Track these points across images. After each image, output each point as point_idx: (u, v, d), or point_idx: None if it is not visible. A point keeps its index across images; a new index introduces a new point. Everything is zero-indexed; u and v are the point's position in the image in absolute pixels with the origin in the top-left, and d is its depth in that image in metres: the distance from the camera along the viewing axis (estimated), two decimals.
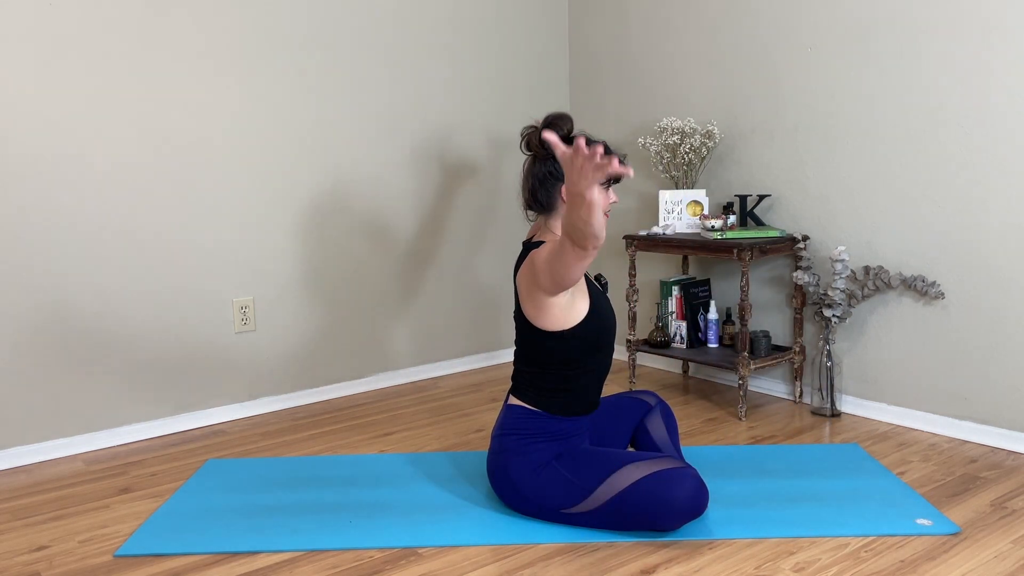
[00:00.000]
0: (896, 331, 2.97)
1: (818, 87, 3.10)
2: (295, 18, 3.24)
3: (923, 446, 2.75)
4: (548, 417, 2.19)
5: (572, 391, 2.20)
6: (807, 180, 3.18)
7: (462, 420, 3.14)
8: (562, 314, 2.12)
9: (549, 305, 2.11)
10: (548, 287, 2.06)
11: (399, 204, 3.59)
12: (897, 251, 2.94)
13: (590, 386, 2.23)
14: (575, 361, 2.17)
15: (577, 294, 2.15)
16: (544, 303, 2.11)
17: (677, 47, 3.58)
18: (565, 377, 2.19)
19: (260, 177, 3.21)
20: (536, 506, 2.17)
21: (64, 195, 2.80)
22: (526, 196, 2.22)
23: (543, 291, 2.08)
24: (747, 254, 2.96)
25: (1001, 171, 2.66)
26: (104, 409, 2.93)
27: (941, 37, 2.75)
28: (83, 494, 2.52)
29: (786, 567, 1.96)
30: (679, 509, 2.01)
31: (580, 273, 1.98)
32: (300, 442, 2.93)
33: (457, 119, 3.74)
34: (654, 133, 3.66)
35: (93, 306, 2.88)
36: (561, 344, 2.15)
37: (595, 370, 2.23)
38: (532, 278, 2.10)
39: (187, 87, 3.01)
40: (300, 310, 3.36)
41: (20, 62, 2.69)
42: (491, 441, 2.27)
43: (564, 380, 2.19)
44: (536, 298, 2.12)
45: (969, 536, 2.09)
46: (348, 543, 2.11)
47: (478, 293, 3.90)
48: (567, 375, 2.18)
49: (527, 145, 2.22)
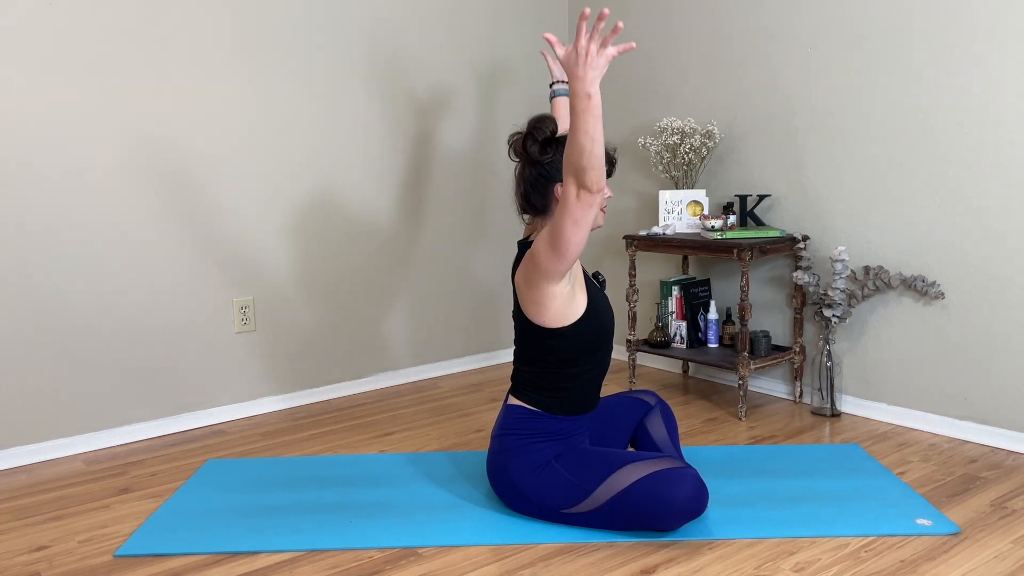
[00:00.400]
0: (896, 331, 2.97)
1: (818, 87, 3.10)
2: (295, 18, 3.24)
3: (923, 446, 2.75)
4: (548, 417, 2.19)
5: (571, 390, 2.20)
6: (807, 180, 3.18)
7: (462, 420, 3.14)
8: (562, 307, 2.10)
9: (549, 298, 2.09)
10: (551, 262, 2.00)
11: (399, 204, 3.59)
12: (897, 251, 2.94)
13: (589, 385, 2.23)
14: (574, 360, 2.17)
15: (576, 286, 2.14)
16: (544, 296, 2.08)
17: (677, 47, 3.58)
18: (564, 376, 2.18)
19: (260, 177, 3.21)
20: (536, 506, 2.17)
21: (64, 195, 2.80)
22: (520, 201, 2.21)
23: (545, 274, 2.03)
24: (747, 254, 2.96)
25: (1001, 171, 2.66)
26: (104, 409, 2.93)
27: (941, 37, 2.75)
28: (83, 494, 2.52)
29: (786, 567, 1.96)
30: (679, 509, 2.01)
31: (585, 232, 1.95)
32: (300, 442, 2.93)
33: (457, 119, 3.74)
34: (654, 133, 3.66)
35: (93, 306, 2.88)
36: (560, 342, 2.15)
37: (594, 369, 2.23)
38: (533, 265, 2.05)
39: (187, 87, 3.02)
40: (300, 310, 3.37)
41: (20, 62, 2.69)
42: (491, 441, 2.27)
43: (563, 379, 2.19)
44: (537, 290, 2.09)
45: (969, 536, 2.09)
46: (348, 543, 2.11)
47: (478, 293, 3.90)
48: (567, 374, 2.18)
49: (514, 152, 2.19)
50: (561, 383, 2.19)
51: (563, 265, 2.01)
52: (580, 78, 1.78)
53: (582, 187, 1.88)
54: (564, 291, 2.10)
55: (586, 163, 1.84)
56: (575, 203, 1.91)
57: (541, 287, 2.08)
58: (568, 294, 2.11)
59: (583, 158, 1.84)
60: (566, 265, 2.02)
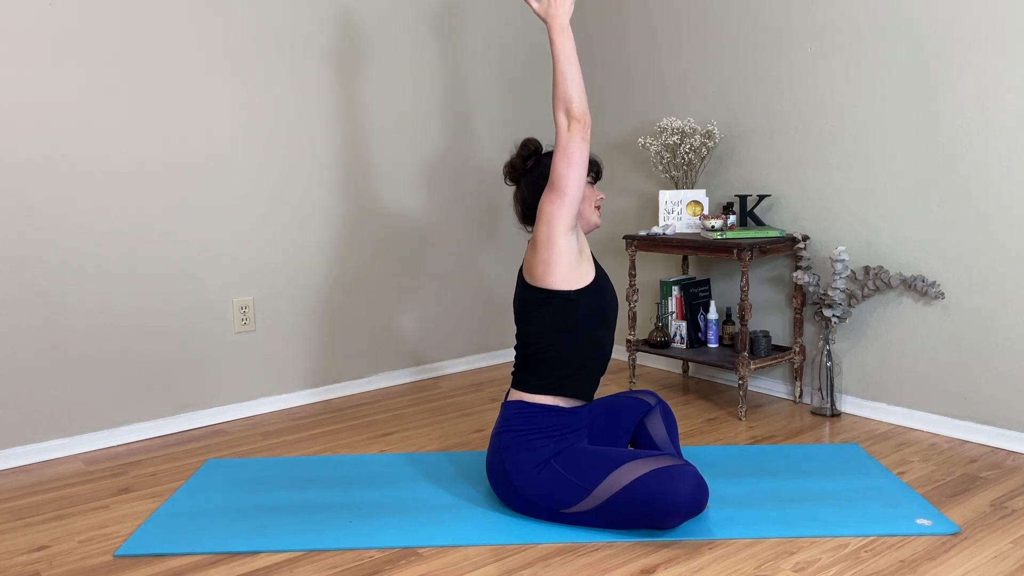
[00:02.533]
0: (896, 331, 2.97)
1: (818, 87, 3.10)
2: (296, 19, 3.24)
3: (923, 446, 2.75)
4: (545, 410, 2.18)
5: (570, 365, 2.19)
6: (807, 180, 3.18)
7: (462, 420, 3.14)
8: (569, 269, 2.17)
9: (557, 253, 2.15)
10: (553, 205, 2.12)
11: (399, 204, 3.59)
12: (897, 251, 2.94)
13: (588, 368, 2.22)
14: (579, 327, 2.18)
15: (584, 255, 2.22)
16: (552, 252, 2.15)
17: (677, 47, 3.58)
18: (566, 348, 2.18)
19: (260, 177, 3.22)
20: (535, 506, 2.17)
21: (64, 195, 2.80)
22: (520, 216, 2.35)
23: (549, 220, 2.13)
24: (747, 254, 2.96)
25: (1001, 171, 2.66)
26: (104, 409, 2.93)
27: (941, 37, 2.75)
28: (83, 494, 2.52)
29: (786, 567, 1.96)
30: (679, 506, 2.01)
31: (579, 169, 2.11)
32: (300, 442, 2.93)
33: (457, 120, 3.74)
34: (654, 133, 3.66)
35: (93, 306, 2.88)
36: (567, 306, 2.17)
37: (594, 349, 2.22)
38: (540, 221, 2.16)
39: (187, 87, 3.02)
40: (300, 310, 3.37)
41: (20, 62, 2.69)
42: (490, 440, 2.27)
43: (564, 352, 2.18)
44: (544, 248, 2.15)
45: (969, 536, 2.09)
46: (348, 543, 2.12)
47: (478, 293, 3.90)
48: (568, 344, 2.18)
49: (508, 176, 2.34)
50: (562, 355, 2.19)
51: (564, 206, 2.13)
52: (554, 15, 2.14)
53: (571, 117, 2.11)
54: (572, 248, 2.17)
55: (571, 88, 2.11)
56: (567, 136, 2.11)
57: (549, 242, 2.15)
58: (576, 256, 2.18)
59: (567, 84, 2.11)
60: (568, 206, 2.13)
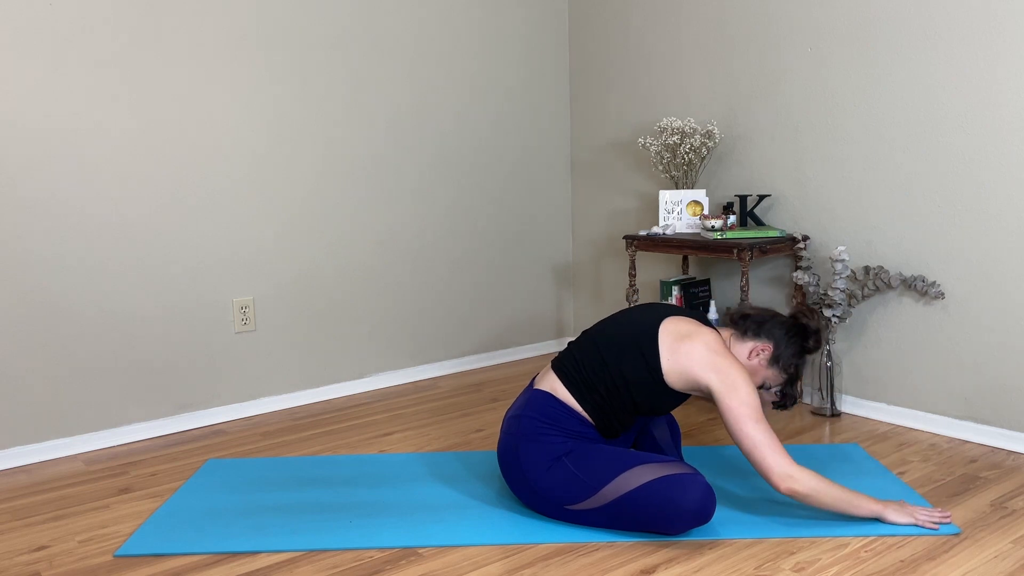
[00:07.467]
0: (896, 331, 2.97)
1: (818, 87, 3.10)
2: (295, 17, 3.24)
3: (923, 446, 2.75)
4: (571, 413, 2.18)
5: (616, 416, 2.22)
6: (807, 180, 3.18)
7: (462, 420, 3.14)
8: (681, 378, 2.17)
9: (686, 369, 2.16)
10: (699, 387, 2.16)
11: (399, 204, 3.59)
12: (897, 251, 2.94)
13: (619, 425, 2.25)
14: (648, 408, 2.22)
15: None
16: (685, 368, 2.16)
17: (677, 47, 3.58)
18: (625, 407, 2.21)
19: (260, 176, 3.22)
20: (541, 498, 2.16)
21: (64, 195, 2.80)
22: (741, 322, 2.31)
23: (693, 380, 2.16)
24: (747, 254, 2.96)
25: (1001, 171, 2.66)
26: (104, 409, 2.93)
27: (941, 37, 2.75)
28: (83, 494, 2.52)
29: (786, 567, 1.96)
30: (686, 515, 2.01)
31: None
32: (300, 442, 2.93)
33: (456, 119, 3.74)
34: (654, 133, 3.66)
35: (93, 306, 2.88)
36: (659, 390, 2.19)
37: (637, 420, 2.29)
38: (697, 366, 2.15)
39: (187, 87, 3.02)
40: (300, 310, 3.37)
41: (19, 62, 2.69)
42: (505, 422, 2.25)
43: (620, 407, 2.21)
44: (695, 388, 2.18)
45: (969, 536, 2.09)
46: (348, 543, 2.11)
47: (478, 293, 3.90)
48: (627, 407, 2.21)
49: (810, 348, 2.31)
50: (615, 404, 2.20)
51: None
52: (886, 517, 2.12)
53: (780, 483, 2.04)
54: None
55: (814, 502, 2.07)
56: (773, 478, 2.05)
57: (698, 389, 2.18)
58: (692, 383, 2.19)
59: (819, 502, 2.06)
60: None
